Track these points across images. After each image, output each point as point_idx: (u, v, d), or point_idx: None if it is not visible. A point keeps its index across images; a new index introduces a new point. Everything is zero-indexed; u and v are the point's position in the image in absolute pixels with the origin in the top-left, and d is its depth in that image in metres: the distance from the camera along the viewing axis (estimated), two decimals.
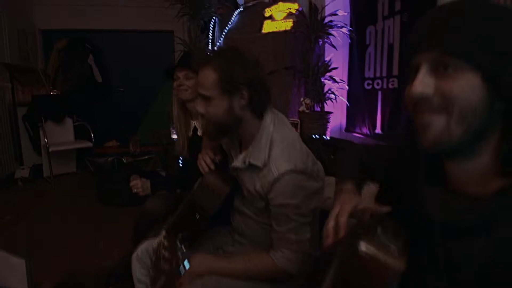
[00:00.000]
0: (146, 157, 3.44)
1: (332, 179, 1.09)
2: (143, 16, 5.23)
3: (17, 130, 4.19)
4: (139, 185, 1.72)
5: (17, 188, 3.91)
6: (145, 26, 5.34)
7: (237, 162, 1.18)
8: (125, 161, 3.42)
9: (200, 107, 1.14)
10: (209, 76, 1.09)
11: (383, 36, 2.50)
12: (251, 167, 1.13)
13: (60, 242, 2.56)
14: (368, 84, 2.68)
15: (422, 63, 0.59)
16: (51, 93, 4.57)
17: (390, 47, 2.43)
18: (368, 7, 2.66)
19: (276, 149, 1.11)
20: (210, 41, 3.75)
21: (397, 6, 2.35)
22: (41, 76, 4.62)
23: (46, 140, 4.03)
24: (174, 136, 3.15)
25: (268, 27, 3.23)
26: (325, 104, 2.90)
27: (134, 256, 1.40)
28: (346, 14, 2.90)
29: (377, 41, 2.58)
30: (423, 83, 0.58)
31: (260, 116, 1.15)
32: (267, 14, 3.31)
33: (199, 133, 1.79)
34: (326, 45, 2.96)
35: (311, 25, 2.87)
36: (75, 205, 3.38)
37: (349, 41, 2.94)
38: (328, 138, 2.82)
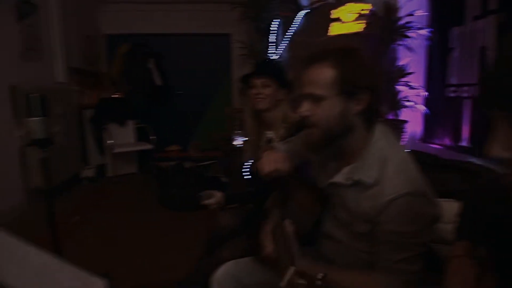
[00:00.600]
0: (207, 162, 3.43)
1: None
2: (200, 19, 5.29)
3: (83, 131, 4.36)
4: (213, 203, 1.63)
5: (82, 187, 4.07)
6: (203, 30, 5.39)
7: (338, 178, 1.04)
8: (186, 166, 3.43)
9: (305, 109, 1.00)
10: (325, 73, 0.96)
11: (473, 39, 2.26)
12: (357, 184, 0.99)
13: (124, 249, 2.58)
14: (453, 91, 2.44)
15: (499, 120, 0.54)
16: (115, 96, 4.72)
17: (482, 51, 2.18)
18: (453, 7, 2.43)
19: (390, 167, 0.96)
20: (271, 44, 3.67)
21: (492, 4, 2.11)
22: (105, 79, 4.79)
23: (110, 141, 4.17)
24: (236, 143, 3.12)
25: (336, 29, 3.08)
26: (399, 112, 2.70)
27: (215, 278, 1.33)
28: (424, 14, 2.68)
29: (464, 44, 2.34)
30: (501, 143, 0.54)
31: (369, 127, 1.01)
32: (334, 16, 3.16)
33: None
34: (401, 48, 2.76)
35: (385, 26, 2.68)
36: (136, 206, 3.44)
37: (428, 43, 2.71)
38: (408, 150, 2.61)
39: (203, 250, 1.81)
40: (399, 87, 2.68)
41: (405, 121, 2.67)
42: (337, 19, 3.13)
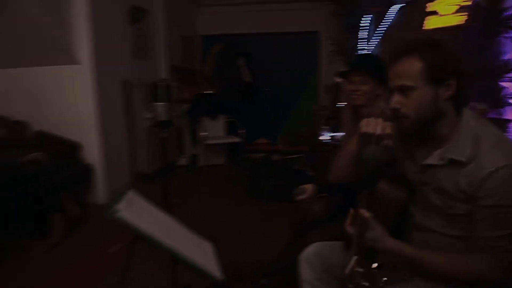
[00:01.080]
0: (294, 156, 3.55)
1: None
2: (290, 18, 5.43)
3: (181, 124, 4.80)
4: (306, 198, 1.67)
5: (178, 174, 4.48)
6: (292, 28, 5.53)
7: (431, 160, 1.07)
8: (274, 159, 3.60)
9: (395, 102, 1.05)
10: (413, 64, 1.02)
11: None
12: (451, 164, 1.02)
13: (215, 232, 2.80)
14: None
15: None
16: (208, 92, 5.09)
17: None
18: None
19: (484, 143, 0.98)
20: (361, 40, 3.64)
21: None
22: (200, 77, 5.19)
23: (203, 133, 4.54)
24: (323, 138, 3.18)
25: (433, 23, 2.95)
26: (503, 111, 2.50)
27: (302, 256, 1.41)
28: None
29: None
30: None
31: (460, 111, 1.05)
32: (430, 9, 3.03)
33: None
34: (507, 41, 2.55)
35: (489, 18, 2.50)
36: (225, 194, 3.69)
37: None
38: None
39: (291, 236, 1.92)
40: (503, 83, 2.48)
41: (509, 120, 2.47)
42: (434, 13, 2.99)
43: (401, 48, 1.07)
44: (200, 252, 1.17)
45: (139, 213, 1.05)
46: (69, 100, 3.36)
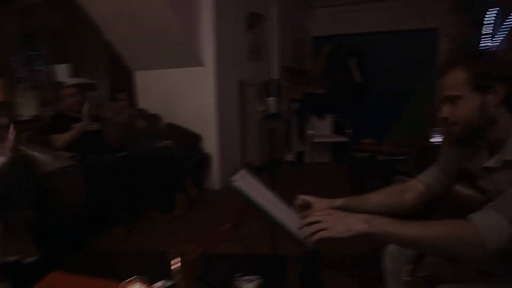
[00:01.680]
0: (400, 157, 3.46)
1: None
2: (405, 15, 5.22)
3: (289, 121, 5.04)
4: None
5: (284, 169, 4.73)
6: (407, 26, 5.30)
7: (489, 163, 1.08)
8: (379, 159, 3.57)
9: (445, 111, 1.10)
10: (458, 75, 1.07)
11: None
12: (509, 165, 1.03)
13: None
14: None
15: None
16: (317, 92, 5.22)
17: None
18: None
19: None
20: (484, 36, 3.35)
21: None
22: (310, 77, 5.36)
23: (310, 131, 4.71)
24: (434, 140, 3.04)
25: None
26: None
27: (387, 250, 1.47)
28: None
29: None
30: None
31: None
32: None
33: None
34: None
35: None
36: (329, 191, 3.76)
37: None
38: None
39: None
40: None
41: None
42: None
43: (448, 61, 1.14)
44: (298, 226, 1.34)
45: (250, 185, 1.26)
46: (194, 97, 3.86)
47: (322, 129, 4.97)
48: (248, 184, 1.27)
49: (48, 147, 2.84)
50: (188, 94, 3.91)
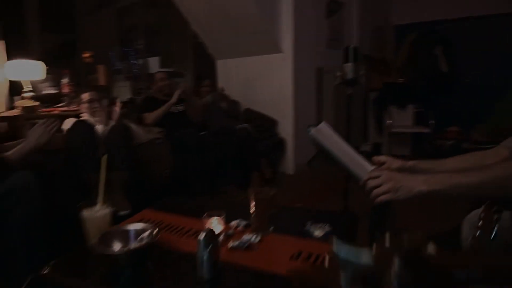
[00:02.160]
0: (488, 146, 3.16)
1: None
2: None
3: (366, 111, 4.91)
4: None
5: None
6: (503, 9, 4.80)
7: None
8: (464, 147, 3.30)
9: None
10: None
11: None
12: None
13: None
14: None
15: None
16: (398, 81, 5.00)
17: None
18: None
19: None
20: None
21: None
22: (391, 66, 5.15)
23: (389, 121, 4.52)
24: None
25: None
26: None
27: (466, 217, 1.41)
28: None
29: None
30: None
31: None
32: None
33: None
34: None
35: None
36: None
37: None
38: None
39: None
40: None
41: None
42: None
43: None
44: None
45: (327, 136, 1.30)
46: (272, 83, 3.97)
47: (402, 119, 4.75)
48: (324, 135, 1.31)
49: (140, 124, 3.17)
50: (266, 80, 4.03)
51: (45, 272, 1.00)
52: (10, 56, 2.95)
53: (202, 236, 0.93)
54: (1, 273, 1.46)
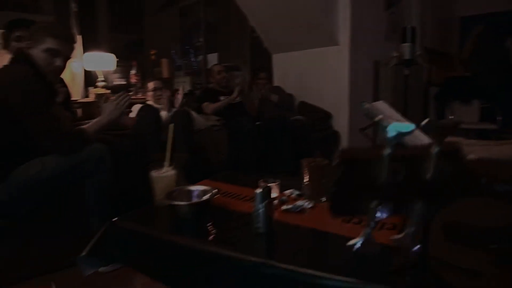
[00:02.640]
0: None
1: None
2: None
3: (427, 107, 4.71)
4: None
5: None
6: None
7: None
8: None
9: None
10: None
11: None
12: None
13: None
14: None
15: None
16: (463, 76, 4.74)
17: None
18: None
19: None
20: None
21: None
22: (455, 59, 4.89)
23: (451, 117, 4.31)
24: None
25: None
26: None
27: None
28: None
29: None
30: None
31: None
32: None
33: None
34: None
35: None
36: None
37: None
38: None
39: None
40: None
41: None
42: None
43: None
44: None
45: (383, 110, 1.32)
46: (328, 77, 3.96)
47: (466, 115, 4.49)
48: (379, 109, 1.32)
49: (199, 113, 3.35)
50: (322, 73, 4.03)
51: (118, 220, 1.14)
52: (85, 50, 3.27)
53: (259, 190, 1.00)
54: (79, 226, 1.67)
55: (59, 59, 1.75)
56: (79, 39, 3.22)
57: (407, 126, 0.55)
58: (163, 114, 2.78)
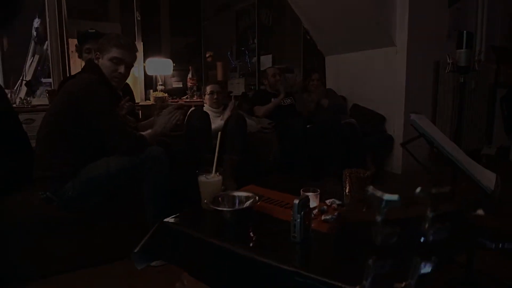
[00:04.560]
0: None
1: None
2: None
3: (493, 109, 4.38)
4: None
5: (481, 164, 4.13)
6: None
7: None
8: None
9: None
10: None
11: None
12: None
13: None
14: None
15: None
16: None
17: None
18: None
19: None
20: None
21: None
22: None
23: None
24: None
25: None
26: None
27: None
28: None
29: None
30: None
31: None
32: None
33: None
34: None
35: None
36: None
37: None
38: None
39: None
40: None
41: None
42: None
43: None
44: (479, 171, 1.29)
45: (427, 125, 1.30)
46: (383, 79, 3.84)
47: None
48: (424, 124, 1.30)
49: (252, 115, 3.43)
50: (377, 75, 3.92)
51: (169, 221, 1.24)
52: (146, 56, 3.50)
53: (297, 201, 1.04)
54: (137, 221, 1.83)
55: (122, 67, 1.92)
56: (141, 45, 3.45)
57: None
58: (217, 118, 2.90)
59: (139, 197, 1.86)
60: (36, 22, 3.62)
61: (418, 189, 0.59)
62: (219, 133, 1.52)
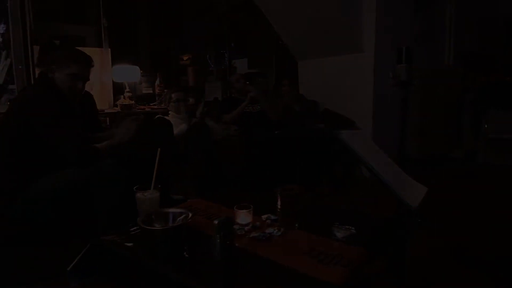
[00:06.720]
0: None
1: None
2: None
3: (461, 113, 4.47)
4: None
5: (449, 168, 4.20)
6: None
7: None
8: None
9: None
10: None
11: None
12: None
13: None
14: None
15: None
16: (503, 80, 4.45)
17: None
18: None
19: None
20: None
21: None
22: (497, 64, 4.60)
23: (489, 125, 4.07)
24: None
25: None
26: None
27: None
28: None
29: None
30: None
31: None
32: None
33: None
34: None
35: None
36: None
37: None
38: None
39: None
40: None
41: None
42: None
43: None
44: (406, 187, 1.32)
45: (359, 142, 1.32)
46: (352, 83, 3.89)
47: (506, 124, 4.21)
48: (353, 140, 1.33)
49: (220, 121, 3.44)
50: (346, 80, 3.97)
51: (100, 238, 1.24)
52: (116, 61, 3.48)
53: (216, 222, 1.05)
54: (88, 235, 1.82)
55: (80, 82, 1.92)
56: (108, 52, 3.43)
57: None
58: (182, 125, 2.90)
59: (92, 212, 1.84)
60: (2, 28, 3.56)
61: None
62: (159, 150, 1.52)
